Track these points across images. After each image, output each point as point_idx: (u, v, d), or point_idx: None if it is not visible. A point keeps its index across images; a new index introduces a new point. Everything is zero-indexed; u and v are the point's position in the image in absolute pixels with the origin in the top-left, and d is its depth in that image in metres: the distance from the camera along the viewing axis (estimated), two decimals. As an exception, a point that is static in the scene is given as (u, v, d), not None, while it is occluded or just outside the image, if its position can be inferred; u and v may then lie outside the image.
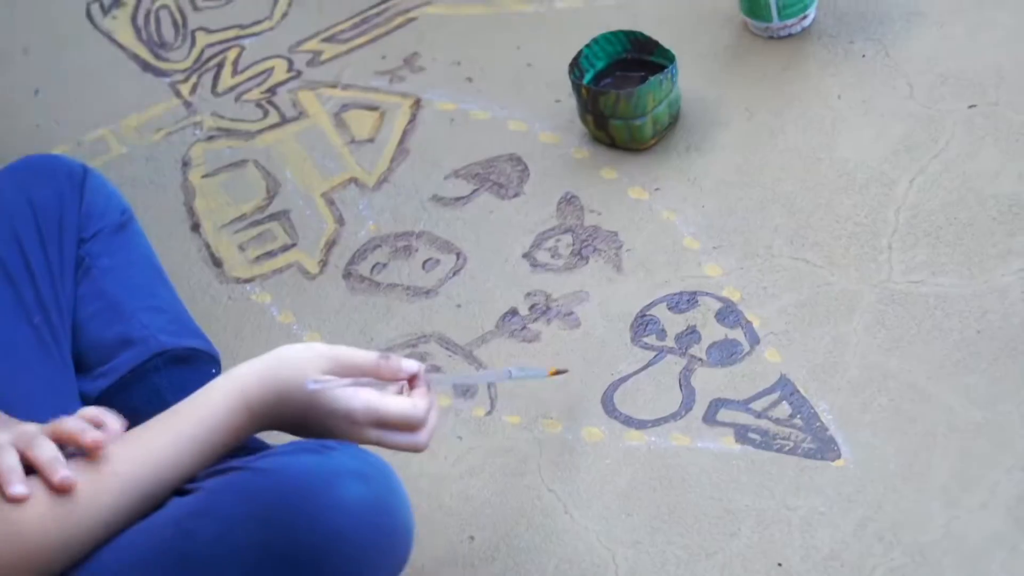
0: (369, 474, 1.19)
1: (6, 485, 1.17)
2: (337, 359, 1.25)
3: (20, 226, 1.44)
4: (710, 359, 1.58)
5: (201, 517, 1.18)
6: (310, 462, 1.18)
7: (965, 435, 1.46)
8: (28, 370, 1.39)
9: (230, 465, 1.22)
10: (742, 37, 1.90)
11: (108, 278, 1.48)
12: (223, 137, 1.94)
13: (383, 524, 1.18)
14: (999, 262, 1.58)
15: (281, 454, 1.22)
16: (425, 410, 1.27)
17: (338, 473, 1.18)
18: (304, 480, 1.17)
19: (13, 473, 1.18)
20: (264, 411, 1.25)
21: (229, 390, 1.24)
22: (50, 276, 1.44)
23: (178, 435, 1.23)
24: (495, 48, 1.97)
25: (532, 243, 1.74)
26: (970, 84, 1.76)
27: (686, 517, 1.45)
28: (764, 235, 1.68)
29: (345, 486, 1.17)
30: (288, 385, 1.24)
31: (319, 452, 1.20)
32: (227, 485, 1.19)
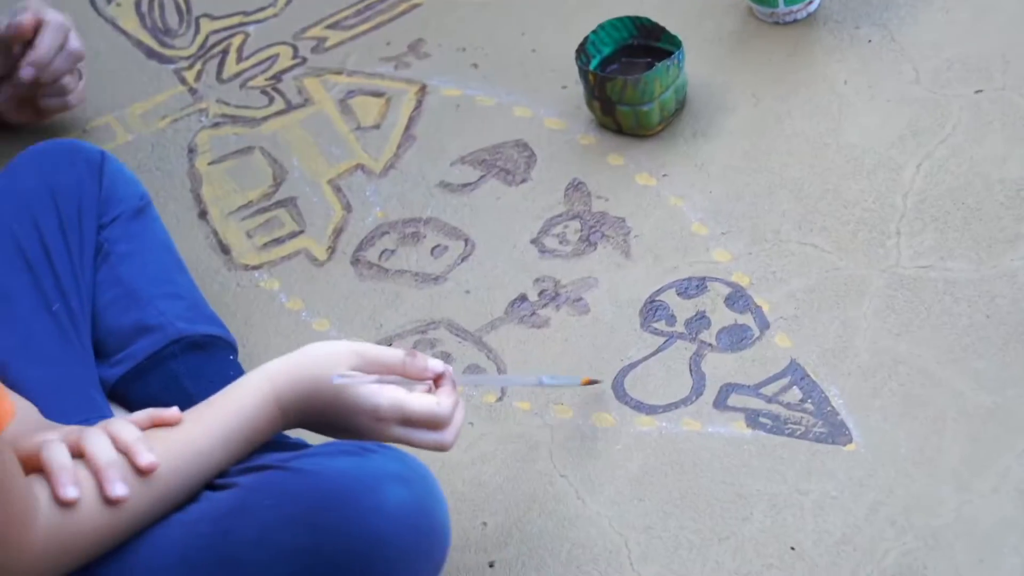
0: (410, 477, 1.20)
1: (58, 486, 1.16)
2: (364, 356, 1.26)
3: (40, 213, 1.45)
4: (720, 344, 1.58)
5: (239, 515, 1.18)
6: (350, 464, 1.19)
7: (975, 420, 1.46)
8: (48, 358, 1.39)
9: (265, 463, 1.22)
10: (747, 23, 1.90)
11: (126, 264, 1.49)
12: (229, 124, 1.94)
13: (424, 527, 1.20)
14: (1008, 247, 1.59)
15: (319, 455, 1.22)
16: (450, 408, 1.28)
17: (380, 476, 1.19)
18: (346, 483, 1.18)
19: (64, 472, 1.17)
20: (293, 407, 1.26)
21: (259, 386, 1.25)
22: (70, 262, 1.44)
23: (211, 431, 1.23)
24: (500, 34, 1.97)
25: (540, 229, 1.74)
26: (976, 69, 1.76)
27: (698, 502, 1.46)
28: (772, 220, 1.68)
29: (388, 490, 1.18)
30: (316, 382, 1.25)
31: (358, 455, 1.21)
32: (265, 483, 1.19)
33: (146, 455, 1.19)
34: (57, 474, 1.17)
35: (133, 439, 1.20)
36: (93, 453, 1.19)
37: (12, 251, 1.42)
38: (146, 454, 1.19)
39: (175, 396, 1.45)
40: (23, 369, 1.37)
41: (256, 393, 1.25)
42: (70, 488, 1.16)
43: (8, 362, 1.36)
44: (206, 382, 1.45)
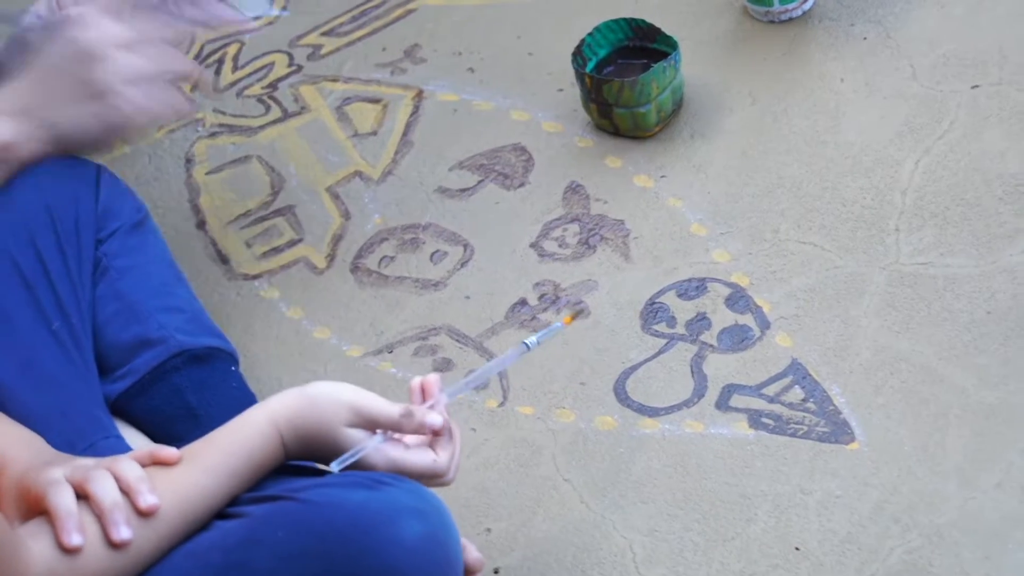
0: (426, 510, 1.20)
1: (62, 533, 1.16)
2: (361, 412, 1.27)
3: (36, 230, 1.44)
4: (721, 345, 1.58)
5: (252, 547, 1.18)
6: (366, 497, 1.19)
7: (978, 416, 1.46)
8: (51, 379, 1.39)
9: (276, 492, 1.22)
10: (743, 22, 1.90)
11: (125, 279, 1.48)
12: (226, 133, 1.94)
13: (439, 560, 1.20)
14: (1007, 242, 1.59)
15: (333, 486, 1.22)
16: (447, 462, 1.29)
17: (396, 510, 1.19)
18: (362, 516, 1.18)
19: (70, 519, 1.17)
20: (295, 447, 1.27)
21: (263, 424, 1.26)
22: (69, 279, 1.44)
23: (215, 469, 1.23)
24: (496, 38, 1.97)
25: (539, 233, 1.74)
26: (973, 64, 1.76)
27: (702, 503, 1.46)
28: (771, 220, 1.68)
29: (404, 523, 1.18)
30: (314, 430, 1.26)
31: (373, 487, 1.21)
32: (278, 515, 1.19)
33: (147, 497, 1.19)
34: (63, 520, 1.16)
35: (135, 479, 1.19)
36: (97, 495, 1.18)
37: (10, 270, 1.42)
38: (147, 495, 1.19)
39: (178, 409, 1.45)
40: (26, 393, 1.36)
41: (259, 432, 1.25)
42: (75, 535, 1.16)
43: (11, 386, 1.36)
44: (209, 394, 1.46)
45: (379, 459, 1.27)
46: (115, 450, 1.33)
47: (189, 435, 1.37)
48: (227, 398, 1.47)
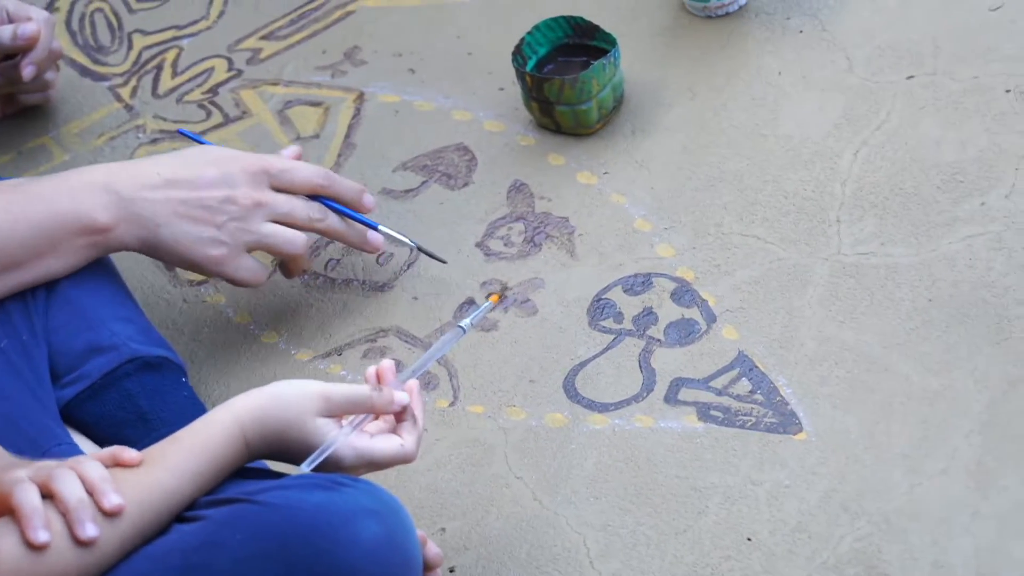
0: (383, 512, 1.22)
1: (29, 530, 1.17)
2: (330, 399, 1.28)
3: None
4: (668, 339, 1.60)
5: (210, 550, 1.19)
6: (323, 499, 1.20)
7: (922, 403, 1.49)
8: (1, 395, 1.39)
9: (234, 495, 1.23)
10: (680, 18, 1.91)
11: (77, 289, 1.49)
12: (167, 139, 1.94)
13: (397, 561, 1.21)
14: (946, 230, 1.61)
15: (291, 487, 1.23)
16: (414, 446, 1.30)
17: (354, 511, 1.20)
18: (320, 517, 1.19)
19: (36, 516, 1.18)
20: (259, 446, 1.28)
21: (228, 424, 1.26)
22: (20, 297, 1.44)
23: (179, 469, 1.24)
24: (435, 38, 1.97)
25: (484, 232, 1.74)
26: (907, 55, 1.79)
27: (654, 497, 1.47)
28: (714, 214, 1.69)
29: (361, 525, 1.20)
30: (282, 426, 1.27)
31: (331, 489, 1.22)
32: (235, 517, 1.20)
33: (112, 496, 1.19)
34: (29, 518, 1.17)
35: (99, 479, 1.20)
36: (62, 494, 1.19)
37: None
38: (112, 495, 1.19)
39: (129, 414, 1.45)
40: None
41: (223, 433, 1.26)
42: (41, 532, 1.17)
43: None
44: (160, 401, 1.46)
45: (347, 453, 1.28)
46: (68, 456, 1.34)
47: (140, 440, 1.38)
48: (179, 405, 1.47)
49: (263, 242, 1.56)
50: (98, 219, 1.49)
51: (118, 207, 1.50)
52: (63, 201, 1.47)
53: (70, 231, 1.48)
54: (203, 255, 1.54)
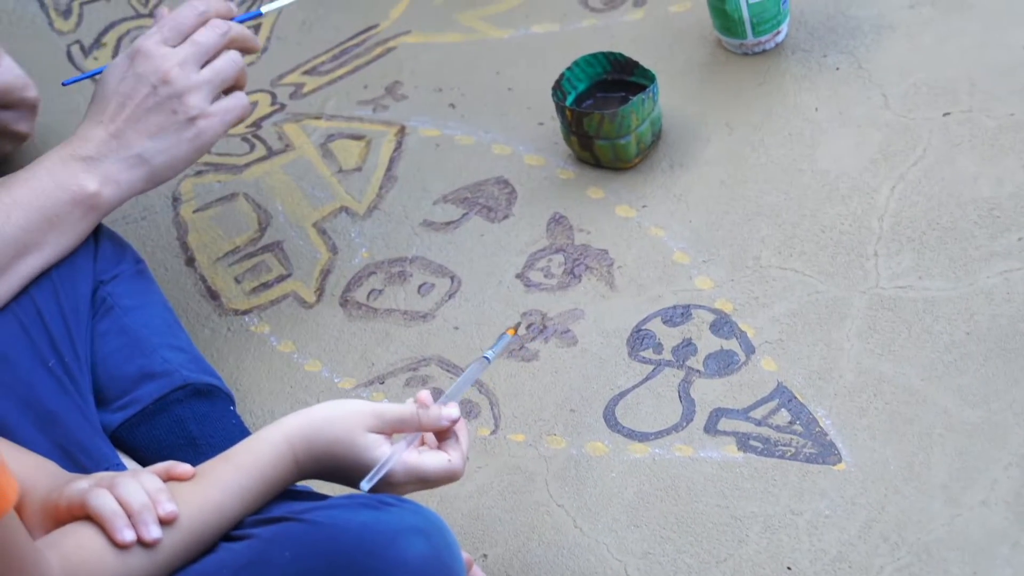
0: (429, 531, 1.23)
1: (115, 531, 1.21)
2: (380, 416, 1.30)
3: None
4: (707, 370, 1.62)
5: (259, 568, 1.21)
6: (370, 518, 1.22)
7: (961, 435, 1.50)
8: (49, 412, 1.42)
9: (282, 514, 1.25)
10: (717, 54, 1.94)
11: (131, 316, 1.52)
12: (212, 172, 1.97)
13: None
14: (983, 264, 1.63)
15: (338, 507, 1.25)
16: (462, 461, 1.32)
17: (400, 530, 1.22)
18: (367, 536, 1.21)
19: (118, 517, 1.22)
20: (309, 465, 1.30)
21: (277, 442, 1.29)
22: (63, 319, 1.47)
23: (228, 486, 1.27)
24: (475, 74, 2.00)
25: (524, 264, 1.77)
26: (943, 92, 1.81)
27: (694, 526, 1.49)
28: (752, 247, 1.71)
29: (408, 543, 1.21)
30: (332, 442, 1.29)
31: (377, 508, 1.24)
32: (284, 536, 1.22)
33: (167, 504, 1.23)
34: (111, 519, 1.21)
35: (155, 488, 1.23)
36: (126, 498, 1.22)
37: (6, 314, 1.45)
38: (167, 503, 1.23)
39: (179, 439, 1.48)
40: (28, 429, 1.40)
41: (273, 450, 1.29)
42: (127, 531, 1.21)
43: (13, 424, 1.39)
44: (210, 426, 1.48)
45: (398, 469, 1.30)
46: (119, 474, 1.36)
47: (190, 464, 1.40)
48: (227, 431, 1.50)
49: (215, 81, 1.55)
50: (87, 186, 1.50)
51: (96, 169, 1.51)
52: (45, 181, 1.49)
53: (64, 205, 1.49)
54: (193, 146, 1.54)
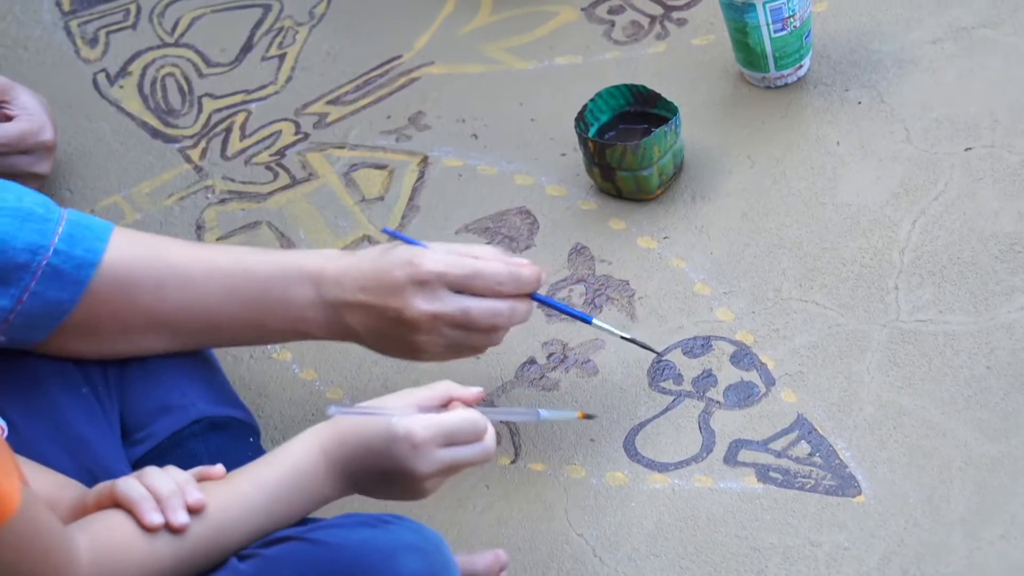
0: (426, 548, 1.24)
1: (144, 513, 1.24)
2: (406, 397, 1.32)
3: None
4: (727, 401, 1.62)
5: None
6: (367, 535, 1.24)
7: (981, 468, 1.50)
8: (80, 437, 1.43)
9: (285, 534, 1.26)
10: (739, 88, 1.95)
11: None
12: (235, 200, 1.98)
13: None
14: (1004, 299, 1.63)
15: (337, 526, 1.26)
16: (480, 414, 1.32)
17: (397, 547, 1.23)
18: (364, 553, 1.22)
19: (146, 500, 1.25)
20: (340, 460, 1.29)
21: (305, 438, 1.31)
22: None
23: (262, 486, 1.28)
24: (498, 105, 2.02)
25: (546, 293, 1.77)
26: (965, 127, 1.81)
27: (714, 556, 1.49)
28: (773, 279, 1.72)
29: (404, 560, 1.22)
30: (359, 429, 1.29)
31: (375, 526, 1.25)
32: (286, 554, 1.24)
33: (195, 493, 1.26)
34: (139, 503, 1.25)
35: (184, 479, 1.27)
36: (155, 486, 1.25)
37: None
38: (195, 492, 1.26)
39: None
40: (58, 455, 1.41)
41: (301, 446, 1.31)
42: (155, 514, 1.24)
43: (43, 451, 1.40)
44: (225, 462, 1.48)
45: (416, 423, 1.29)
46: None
47: None
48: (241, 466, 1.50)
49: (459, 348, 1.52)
50: (306, 315, 1.50)
51: (323, 309, 1.50)
52: (276, 289, 1.49)
53: (277, 319, 1.50)
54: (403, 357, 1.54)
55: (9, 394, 1.40)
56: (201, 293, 1.47)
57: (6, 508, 1.09)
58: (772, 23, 1.85)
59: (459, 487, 1.58)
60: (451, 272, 1.48)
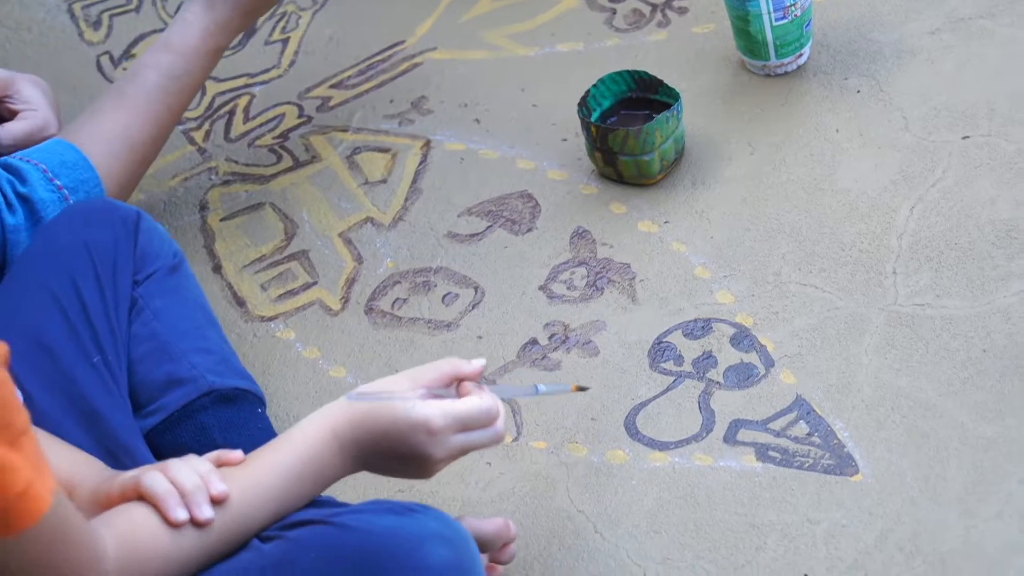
0: (452, 537, 1.26)
1: (169, 510, 1.24)
2: (414, 379, 1.32)
3: (77, 270, 1.49)
4: (727, 382, 1.64)
5: (286, 568, 1.24)
6: (395, 523, 1.25)
7: (977, 449, 1.52)
8: (94, 411, 1.44)
9: (310, 517, 1.27)
10: (740, 75, 1.97)
11: (160, 319, 1.54)
12: (239, 181, 2.00)
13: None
14: (1000, 284, 1.65)
15: (365, 512, 1.28)
16: (493, 400, 1.33)
17: (424, 536, 1.24)
18: (392, 540, 1.23)
19: (171, 496, 1.25)
20: (351, 441, 1.31)
21: (315, 419, 1.32)
22: (106, 316, 1.49)
23: (276, 470, 1.30)
24: (501, 90, 2.03)
25: (548, 276, 1.79)
26: (963, 116, 1.84)
27: (713, 533, 1.51)
28: (772, 263, 1.74)
29: (431, 549, 1.24)
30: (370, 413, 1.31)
31: (403, 514, 1.26)
32: (311, 538, 1.25)
33: (218, 484, 1.25)
34: (165, 499, 1.24)
35: (206, 471, 1.26)
36: (179, 480, 1.25)
37: (52, 307, 1.47)
38: (218, 483, 1.26)
39: (204, 447, 1.50)
40: (72, 428, 1.42)
41: (311, 426, 1.31)
42: (180, 511, 1.24)
43: (58, 421, 1.41)
44: (235, 434, 1.50)
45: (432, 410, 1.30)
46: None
47: None
48: (252, 438, 1.52)
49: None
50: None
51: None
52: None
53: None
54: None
55: (23, 363, 1.41)
56: None
57: (39, 506, 1.10)
58: (773, 11, 1.87)
59: (461, 463, 1.58)
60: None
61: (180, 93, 1.75)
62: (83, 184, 1.63)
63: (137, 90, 1.73)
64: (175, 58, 1.75)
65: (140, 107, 1.72)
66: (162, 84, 1.74)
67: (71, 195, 1.61)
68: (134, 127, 1.71)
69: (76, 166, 1.64)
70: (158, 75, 1.74)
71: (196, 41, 1.76)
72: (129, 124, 1.71)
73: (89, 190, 1.64)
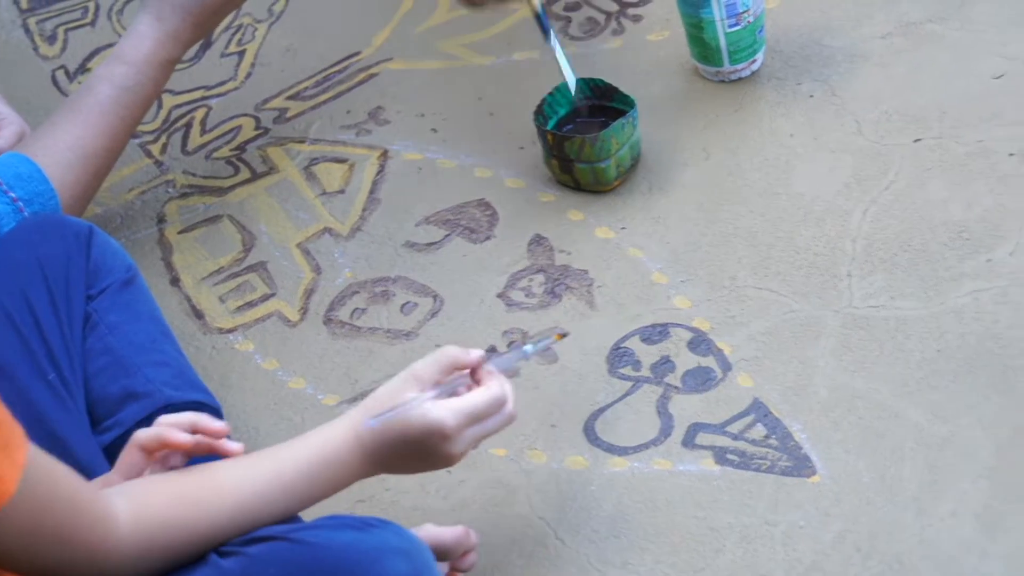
0: (411, 551, 1.27)
1: (170, 435, 1.31)
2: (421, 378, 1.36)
3: (30, 285, 1.49)
4: (685, 386, 1.65)
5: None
6: (354, 538, 1.26)
7: (932, 448, 1.53)
8: (54, 432, 1.43)
9: (269, 533, 1.28)
10: (694, 82, 1.98)
11: (115, 334, 1.54)
12: (196, 194, 2.00)
13: None
14: (953, 285, 1.67)
15: (323, 527, 1.28)
16: (501, 386, 1.36)
17: (384, 550, 1.25)
18: (350, 555, 1.24)
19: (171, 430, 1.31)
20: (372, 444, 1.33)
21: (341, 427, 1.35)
22: (60, 332, 1.49)
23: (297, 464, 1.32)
24: (457, 100, 2.04)
25: (506, 283, 1.80)
26: (914, 119, 1.85)
27: (672, 536, 1.52)
28: (729, 267, 1.75)
29: (390, 563, 1.25)
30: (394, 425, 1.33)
31: (362, 528, 1.27)
32: (270, 554, 1.25)
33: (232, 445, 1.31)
34: (168, 432, 1.31)
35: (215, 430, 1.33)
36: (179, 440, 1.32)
37: (5, 324, 1.47)
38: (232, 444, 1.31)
39: None
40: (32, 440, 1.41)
41: (340, 433, 1.34)
42: (182, 434, 1.31)
43: None
44: None
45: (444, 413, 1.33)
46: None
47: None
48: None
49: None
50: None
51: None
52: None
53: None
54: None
55: None
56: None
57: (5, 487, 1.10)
58: (726, 18, 1.88)
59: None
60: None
61: (134, 105, 1.76)
62: (38, 196, 1.64)
63: (91, 102, 1.74)
64: (128, 70, 1.75)
65: (94, 119, 1.73)
66: (115, 96, 1.75)
67: (26, 207, 1.62)
68: (88, 139, 1.72)
69: (31, 179, 1.64)
70: (111, 87, 1.75)
71: (148, 52, 1.76)
72: (83, 136, 1.71)
73: (44, 202, 1.64)
